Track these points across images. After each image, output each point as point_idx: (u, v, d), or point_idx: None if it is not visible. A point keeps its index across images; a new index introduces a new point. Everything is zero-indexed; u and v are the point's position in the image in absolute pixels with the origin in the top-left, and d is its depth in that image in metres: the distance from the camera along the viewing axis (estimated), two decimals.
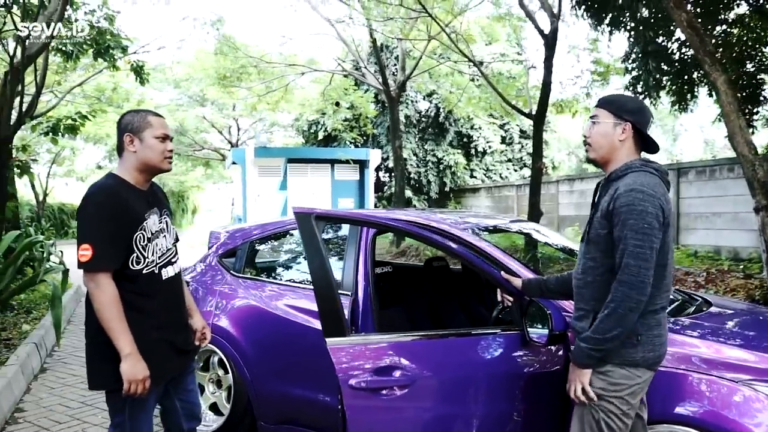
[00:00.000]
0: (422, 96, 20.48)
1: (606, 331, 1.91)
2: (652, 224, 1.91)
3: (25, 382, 4.61)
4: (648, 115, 2.12)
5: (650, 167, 2.06)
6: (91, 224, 2.12)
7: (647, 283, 1.90)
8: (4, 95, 6.43)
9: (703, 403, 2.18)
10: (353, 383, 1.99)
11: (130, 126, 2.26)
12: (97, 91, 14.17)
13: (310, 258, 2.05)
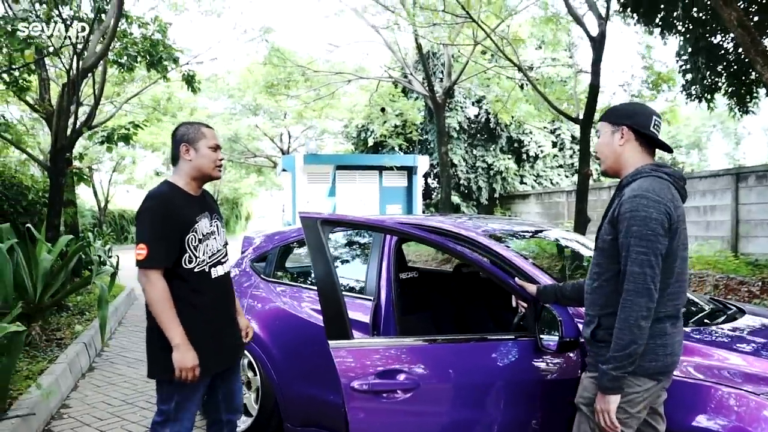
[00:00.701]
0: (471, 102, 20.36)
1: (623, 347, 1.85)
2: (656, 230, 1.85)
3: (73, 379, 4.83)
4: (647, 116, 2.04)
5: (661, 171, 1.99)
6: (147, 227, 2.33)
7: (654, 290, 1.85)
8: (61, 106, 6.78)
9: (720, 415, 2.08)
10: (356, 385, 2.00)
11: (186, 137, 2.48)
12: (153, 101, 14.73)
13: (316, 262, 2.08)
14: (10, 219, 6.70)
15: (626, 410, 1.92)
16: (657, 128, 2.04)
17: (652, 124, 2.02)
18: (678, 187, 2.01)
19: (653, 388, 1.95)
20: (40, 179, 8.63)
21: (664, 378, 1.98)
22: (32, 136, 12.79)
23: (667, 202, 1.90)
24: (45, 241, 5.91)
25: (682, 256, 1.98)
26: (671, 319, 1.97)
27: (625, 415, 1.92)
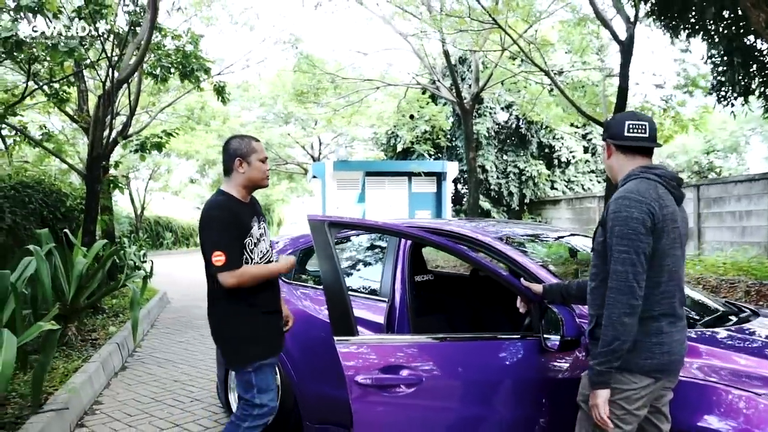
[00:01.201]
0: (501, 107, 20.31)
1: (608, 343, 1.90)
2: (637, 229, 1.90)
3: (106, 378, 5.03)
4: (619, 124, 2.10)
5: (650, 173, 2.04)
6: (219, 234, 2.56)
7: (636, 287, 1.89)
8: (97, 117, 7.06)
9: (725, 416, 2.10)
10: (359, 380, 2.09)
11: (239, 151, 2.71)
12: (187, 110, 15.11)
13: (323, 262, 2.18)
14: (49, 225, 6.99)
15: (623, 407, 1.96)
16: (636, 131, 2.07)
17: (625, 130, 2.08)
18: (669, 187, 2.04)
19: (651, 386, 1.98)
20: (78, 187, 8.96)
21: (663, 376, 2.00)
22: (72, 145, 13.24)
23: (650, 202, 1.94)
24: (81, 246, 6.16)
25: (674, 254, 2.00)
26: (668, 317, 2.00)
27: (621, 411, 1.96)
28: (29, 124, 10.96)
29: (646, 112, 13.24)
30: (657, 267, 1.96)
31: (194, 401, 4.52)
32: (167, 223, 26.36)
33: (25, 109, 11.41)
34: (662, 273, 1.97)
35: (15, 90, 8.77)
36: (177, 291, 11.32)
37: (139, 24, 7.81)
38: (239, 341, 2.63)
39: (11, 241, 6.24)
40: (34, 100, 10.04)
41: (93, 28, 7.58)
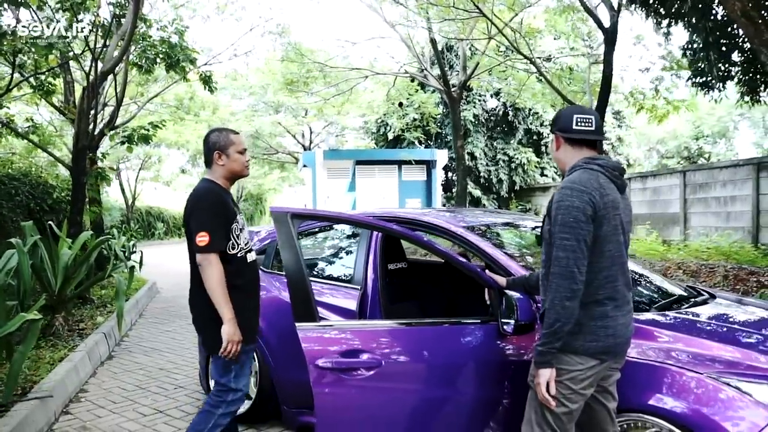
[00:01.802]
0: (490, 94, 20.35)
1: (550, 325, 2.00)
2: (578, 218, 2.00)
3: (92, 367, 5.13)
4: (568, 117, 2.20)
5: (594, 164, 2.14)
6: (207, 217, 2.66)
7: (577, 273, 1.98)
8: (82, 109, 7.09)
9: (668, 393, 2.21)
10: (320, 363, 2.19)
11: (218, 144, 2.82)
12: (176, 100, 15.10)
13: (285, 251, 2.28)
14: (36, 217, 7.07)
15: (569, 387, 2.06)
16: (583, 124, 2.17)
17: (573, 123, 2.17)
18: (611, 176, 2.14)
19: (597, 367, 2.07)
20: (66, 179, 8.99)
21: (608, 358, 2.09)
22: (61, 137, 13.24)
23: (591, 191, 2.04)
24: (67, 237, 6.22)
25: (616, 240, 2.10)
26: (612, 301, 2.09)
27: (568, 391, 2.06)
28: (18, 116, 10.97)
29: (636, 96, 13.37)
30: (599, 253, 2.05)
31: (178, 388, 4.63)
32: (158, 214, 26.38)
33: (13, 101, 11.40)
34: (604, 258, 2.06)
35: (0, 82, 8.76)
36: (167, 281, 11.40)
37: (123, 15, 7.84)
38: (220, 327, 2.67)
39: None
40: (21, 92, 10.05)
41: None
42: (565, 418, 2.07)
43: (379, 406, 2.27)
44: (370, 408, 2.27)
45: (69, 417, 4.02)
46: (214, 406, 2.74)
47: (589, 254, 2.03)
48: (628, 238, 2.21)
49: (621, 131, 21.56)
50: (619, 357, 2.18)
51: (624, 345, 2.15)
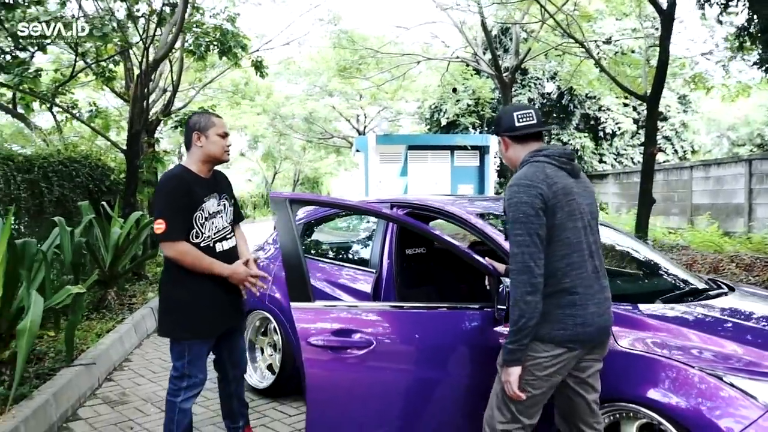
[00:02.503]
0: (547, 78, 19.91)
1: (515, 322, 2.03)
2: (527, 212, 2.03)
3: (138, 338, 5.46)
4: (508, 116, 2.24)
5: (539, 155, 2.16)
6: (163, 204, 2.64)
7: (534, 266, 2.01)
8: (135, 95, 7.46)
9: (658, 385, 2.21)
10: (311, 341, 2.30)
11: (198, 125, 2.78)
12: (232, 85, 15.54)
13: (282, 234, 2.39)
14: (94, 197, 7.50)
15: (533, 373, 2.09)
16: (525, 119, 2.20)
17: (516, 121, 2.21)
18: (559, 164, 2.14)
19: (564, 355, 2.08)
20: (123, 161, 9.47)
21: (578, 347, 2.09)
22: (122, 121, 13.87)
23: (538, 184, 2.06)
24: (121, 217, 6.60)
25: (573, 226, 2.10)
26: (581, 288, 2.08)
27: (531, 377, 2.09)
28: (84, 101, 11.59)
29: (699, 81, 12.82)
30: (557, 241, 2.07)
31: (211, 363, 4.87)
32: None
33: (79, 87, 12.03)
34: (563, 246, 2.08)
35: (66, 70, 9.29)
36: None
37: (176, 5, 8.14)
38: (181, 313, 2.69)
39: (59, 212, 6.74)
40: (88, 78, 10.62)
41: (135, 10, 7.96)
42: (528, 402, 2.11)
43: (369, 384, 2.37)
44: (360, 386, 2.37)
45: (111, 383, 4.33)
46: (173, 394, 2.76)
47: (547, 244, 2.05)
48: (593, 221, 2.21)
49: (686, 116, 20.65)
50: (595, 347, 2.17)
51: (596, 334, 2.12)
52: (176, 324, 2.74)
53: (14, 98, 7.81)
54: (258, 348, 4.21)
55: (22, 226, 6.05)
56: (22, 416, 3.13)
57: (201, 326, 2.74)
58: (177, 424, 2.75)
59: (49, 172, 6.70)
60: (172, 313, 2.75)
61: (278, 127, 22.85)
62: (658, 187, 15.82)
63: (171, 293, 2.77)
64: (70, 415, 3.68)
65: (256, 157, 29.55)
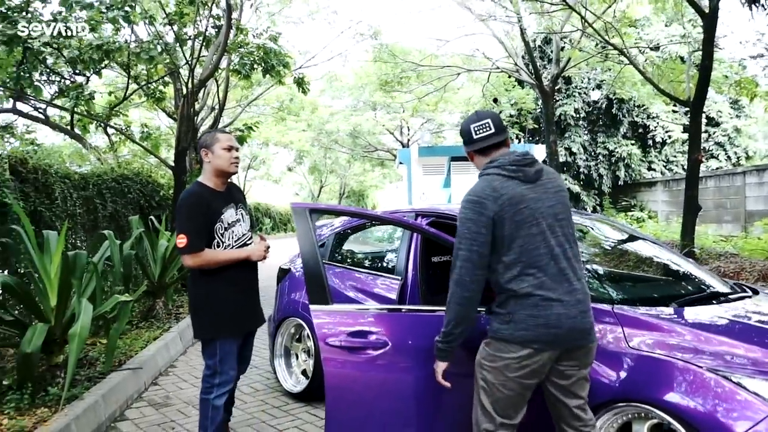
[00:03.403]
0: (592, 87, 19.63)
1: (446, 324, 2.20)
2: (471, 228, 2.11)
3: (183, 346, 5.72)
4: (466, 130, 2.28)
5: (489, 168, 2.20)
6: (185, 220, 2.86)
7: (468, 282, 2.12)
8: (182, 115, 7.83)
9: (669, 386, 2.24)
10: (329, 341, 2.43)
11: (204, 143, 3.02)
12: (277, 101, 16.00)
13: (303, 242, 2.53)
14: (145, 212, 7.89)
15: (504, 373, 2.14)
16: (482, 129, 2.23)
17: (473, 133, 2.25)
18: (508, 173, 2.15)
19: (534, 356, 2.10)
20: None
21: (545, 348, 2.10)
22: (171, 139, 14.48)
23: (483, 198, 2.12)
24: (167, 230, 6.93)
25: (527, 233, 2.11)
26: (542, 291, 2.09)
27: (503, 378, 2.14)
28: (137, 121, 12.19)
29: (745, 85, 12.43)
30: (508, 250, 2.11)
31: (252, 368, 5.06)
32: (266, 209, 27.91)
33: (133, 107, 12.64)
34: (514, 254, 2.11)
35: (119, 93, 9.82)
36: (263, 273, 12.15)
37: (221, 26, 8.53)
38: (211, 315, 2.90)
39: (112, 226, 7.13)
40: (141, 99, 11.19)
41: (182, 33, 8.38)
42: (502, 403, 2.17)
43: (382, 383, 2.48)
44: (375, 385, 2.47)
45: (156, 387, 4.58)
46: (206, 392, 2.94)
47: (501, 254, 2.12)
48: (557, 223, 2.18)
49: (739, 121, 19.96)
50: (572, 350, 2.16)
51: (565, 335, 2.11)
52: (208, 325, 2.94)
53: (72, 120, 8.30)
54: (293, 354, 4.37)
55: (78, 240, 6.43)
56: (73, 415, 3.37)
57: (230, 325, 2.94)
58: (211, 421, 2.93)
59: (103, 189, 7.10)
60: (203, 316, 2.96)
61: (323, 142, 23.32)
62: (709, 194, 15.36)
63: (200, 298, 2.97)
64: (118, 416, 3.92)
65: (303, 171, 30.12)
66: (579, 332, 2.14)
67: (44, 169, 5.54)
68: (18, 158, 5.18)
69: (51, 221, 5.42)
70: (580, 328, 2.14)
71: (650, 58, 14.68)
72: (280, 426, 3.74)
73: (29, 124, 9.46)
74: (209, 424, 2.94)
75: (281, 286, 4.63)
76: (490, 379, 2.19)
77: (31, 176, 5.28)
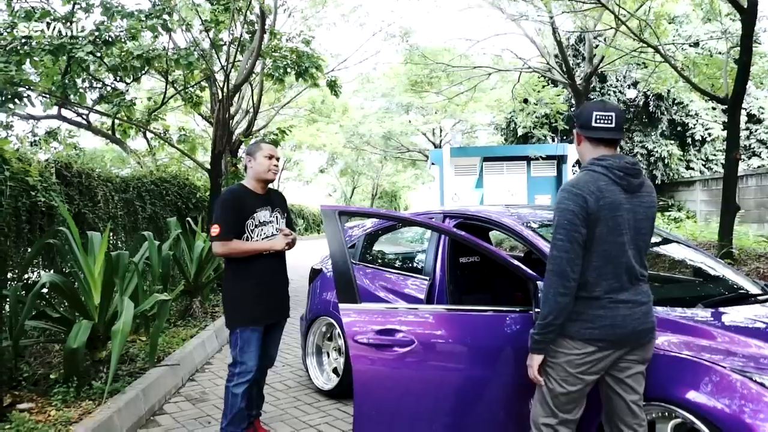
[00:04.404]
0: (628, 85, 19.32)
1: (543, 317, 2.17)
2: (572, 220, 2.11)
3: (218, 344, 5.89)
4: (587, 114, 2.23)
5: (597, 164, 2.19)
6: (220, 212, 3.19)
7: (569, 271, 2.10)
8: (218, 119, 8.04)
9: (694, 386, 2.25)
10: (358, 338, 2.51)
11: (249, 150, 3.37)
12: (309, 104, 16.20)
13: (332, 243, 2.62)
14: (183, 214, 8.12)
15: (566, 369, 2.19)
16: (602, 121, 2.20)
17: (593, 120, 2.21)
18: (615, 178, 2.17)
19: (596, 354, 2.16)
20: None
21: (609, 347, 2.16)
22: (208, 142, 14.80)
23: (586, 194, 2.12)
24: (202, 232, 7.13)
25: (614, 241, 2.15)
26: (610, 296, 2.16)
27: (564, 374, 2.19)
28: (174, 125, 12.51)
29: None
30: (593, 252, 2.14)
31: (285, 366, 5.21)
32: (299, 211, 28.24)
33: (171, 111, 12.96)
34: (597, 258, 2.14)
35: (157, 98, 10.12)
36: (296, 273, 12.32)
37: (255, 32, 8.72)
38: (234, 305, 3.19)
39: (152, 228, 7.36)
40: (178, 103, 11.49)
41: (218, 39, 8.59)
42: (563, 398, 2.21)
43: (409, 380, 2.55)
44: (401, 381, 2.55)
45: (193, 383, 4.74)
46: (228, 380, 3.20)
47: (584, 254, 2.14)
48: (639, 237, 2.23)
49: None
50: (632, 348, 2.20)
51: (629, 335, 2.17)
52: (230, 314, 3.25)
53: (113, 125, 8.59)
54: (324, 352, 4.48)
55: (119, 241, 6.66)
56: (116, 408, 3.54)
57: (247, 315, 3.18)
58: (230, 407, 3.18)
59: (142, 192, 7.33)
60: (227, 306, 3.28)
61: (355, 143, 23.51)
62: (750, 193, 14.97)
63: (227, 289, 3.29)
64: (157, 410, 4.08)
65: (335, 173, 30.37)
66: (642, 332, 2.21)
67: (87, 172, 5.77)
68: (63, 163, 5.41)
69: (94, 223, 5.65)
70: (642, 328, 2.21)
71: (688, 55, 14.39)
72: (311, 422, 3.85)
73: (72, 129, 9.81)
74: (228, 410, 3.19)
75: (313, 286, 4.74)
76: (552, 375, 2.23)
77: (75, 180, 5.51)
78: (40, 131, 9.35)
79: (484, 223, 3.49)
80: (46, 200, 4.73)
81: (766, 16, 13.59)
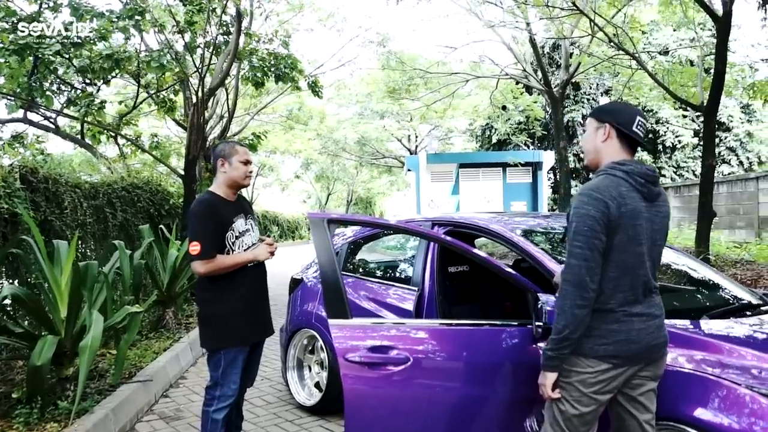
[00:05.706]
0: (600, 93, 19.56)
1: (559, 331, 2.00)
2: (592, 226, 1.96)
3: (193, 357, 5.65)
4: (630, 115, 2.10)
5: (618, 169, 2.05)
6: (197, 228, 2.87)
7: (588, 281, 1.95)
8: (192, 123, 7.80)
9: (702, 404, 2.15)
10: (349, 357, 2.35)
11: (222, 153, 3.02)
12: (286, 110, 15.98)
13: (320, 254, 2.46)
14: (155, 221, 7.84)
15: (579, 389, 2.04)
16: (640, 128, 2.10)
17: (635, 124, 2.08)
18: (635, 184, 2.04)
19: (610, 371, 2.03)
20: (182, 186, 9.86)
21: (623, 363, 2.03)
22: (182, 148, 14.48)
23: (608, 199, 1.97)
24: (178, 239, 6.88)
25: (633, 251, 2.02)
26: (625, 308, 2.03)
27: (578, 393, 2.04)
28: (147, 131, 12.18)
29: (759, 88, 12.30)
30: (610, 262, 2.01)
31: (264, 380, 5.00)
32: (274, 217, 27.91)
33: (144, 116, 12.63)
34: (614, 268, 2.01)
35: (129, 102, 9.81)
36: (272, 281, 12.10)
37: (231, 33, 8.51)
38: (220, 325, 2.89)
39: (123, 235, 7.08)
40: (150, 108, 11.18)
41: (193, 41, 8.36)
42: (576, 421, 2.06)
43: (404, 400, 2.39)
44: (396, 402, 2.40)
45: (167, 400, 4.50)
46: (207, 404, 2.93)
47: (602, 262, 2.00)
48: (654, 247, 2.12)
49: (751, 126, 19.81)
50: (645, 365, 2.09)
51: (644, 351, 2.05)
52: (213, 335, 2.93)
53: (82, 129, 8.28)
54: (306, 366, 4.30)
55: (88, 249, 6.38)
56: (83, 430, 3.30)
57: (234, 336, 2.92)
58: None
59: (113, 198, 7.05)
60: (209, 326, 2.94)
61: (331, 149, 23.30)
62: (722, 200, 15.20)
63: (207, 308, 2.95)
64: (128, 430, 3.85)
65: (310, 179, 30.10)
66: (656, 347, 2.09)
67: (54, 178, 5.50)
68: (28, 167, 5.14)
69: (61, 231, 5.38)
70: (656, 343, 2.08)
71: (659, 63, 14.58)
72: None
73: (39, 134, 9.46)
74: None
75: (293, 297, 4.56)
76: (563, 395, 2.08)
77: (42, 186, 5.24)
78: (5, 135, 9.00)
79: (474, 231, 3.36)
80: (9, 207, 4.47)
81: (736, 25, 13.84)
